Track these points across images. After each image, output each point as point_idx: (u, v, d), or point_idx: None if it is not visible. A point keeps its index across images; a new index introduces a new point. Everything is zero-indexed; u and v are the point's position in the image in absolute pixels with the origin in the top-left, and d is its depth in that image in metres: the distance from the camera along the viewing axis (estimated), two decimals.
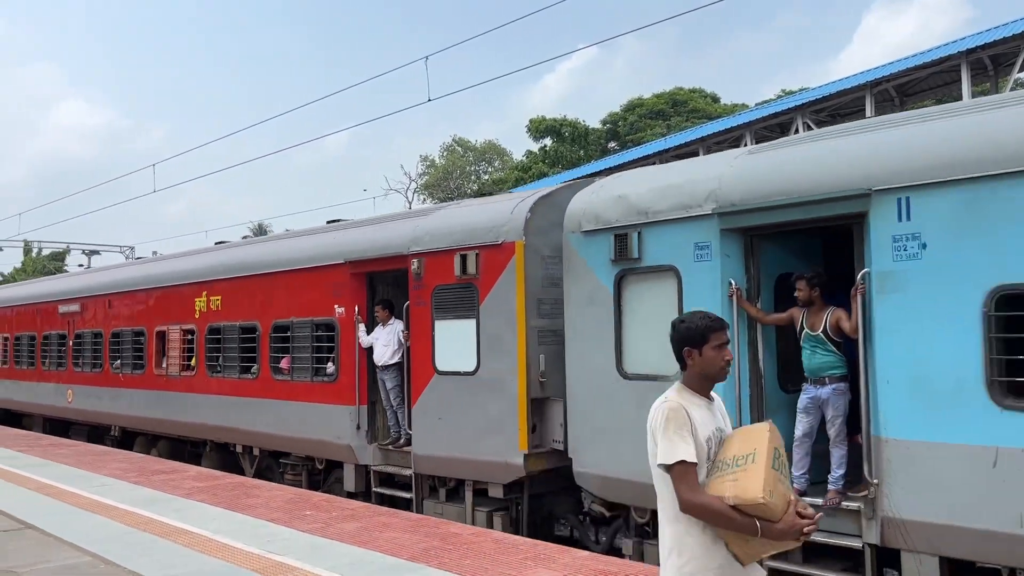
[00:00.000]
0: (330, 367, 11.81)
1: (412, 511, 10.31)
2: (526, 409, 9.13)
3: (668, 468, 3.50)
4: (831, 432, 6.87)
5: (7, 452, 15.36)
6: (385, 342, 10.87)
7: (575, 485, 8.79)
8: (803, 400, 7.04)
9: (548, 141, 53.63)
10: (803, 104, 27.91)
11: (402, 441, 10.85)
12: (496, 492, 9.56)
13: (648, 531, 8.16)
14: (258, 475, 13.39)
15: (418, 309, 10.46)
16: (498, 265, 9.46)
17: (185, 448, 15.80)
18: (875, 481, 6.40)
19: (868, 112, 25.82)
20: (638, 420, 7.23)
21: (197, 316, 14.75)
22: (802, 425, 7.00)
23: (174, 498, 10.57)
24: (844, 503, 6.66)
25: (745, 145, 23.08)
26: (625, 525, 8.48)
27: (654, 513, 5.93)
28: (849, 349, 6.85)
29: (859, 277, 6.50)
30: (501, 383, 9.38)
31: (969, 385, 5.87)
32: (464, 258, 9.77)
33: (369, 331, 11.16)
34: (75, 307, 19.31)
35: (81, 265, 58.26)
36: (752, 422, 7.06)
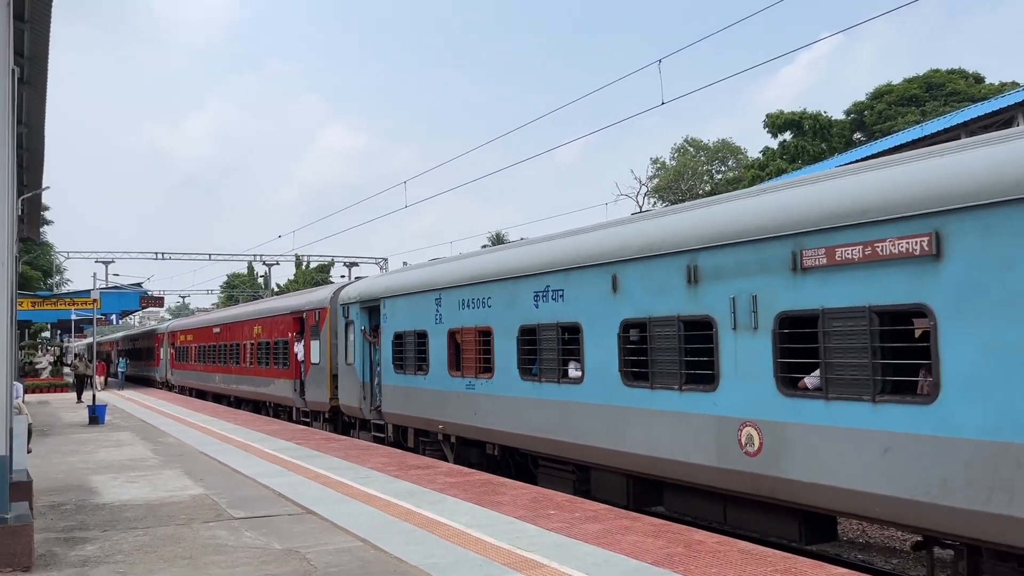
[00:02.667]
0: (286, 362, 24.72)
1: (308, 426, 22.56)
2: (330, 378, 21.44)
3: None
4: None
5: (287, 444, 17.43)
6: (299, 350, 23.50)
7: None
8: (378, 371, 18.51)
9: (787, 136, 51.01)
10: None
11: (306, 396, 23.18)
12: (324, 416, 22.10)
13: (353, 424, 20.14)
14: (275, 416, 26.48)
15: (308, 335, 23.18)
16: (323, 316, 21.93)
17: (264, 407, 29.12)
18: (380, 398, 18.04)
19: None
20: (351, 381, 19.99)
21: (254, 336, 28.61)
22: (376, 379, 18.40)
23: (429, 491, 11.33)
24: (383, 409, 18.02)
25: (1018, 125, 22.82)
26: (361, 427, 20.15)
27: (359, 419, 19.73)
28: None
29: (381, 326, 17.78)
30: (325, 368, 21.73)
31: (388, 365, 17.47)
32: (315, 312, 22.42)
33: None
34: (218, 329, 33.99)
35: (343, 276, 66.91)
36: (371, 381, 18.62)
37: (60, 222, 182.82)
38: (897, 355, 7.40)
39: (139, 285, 51.38)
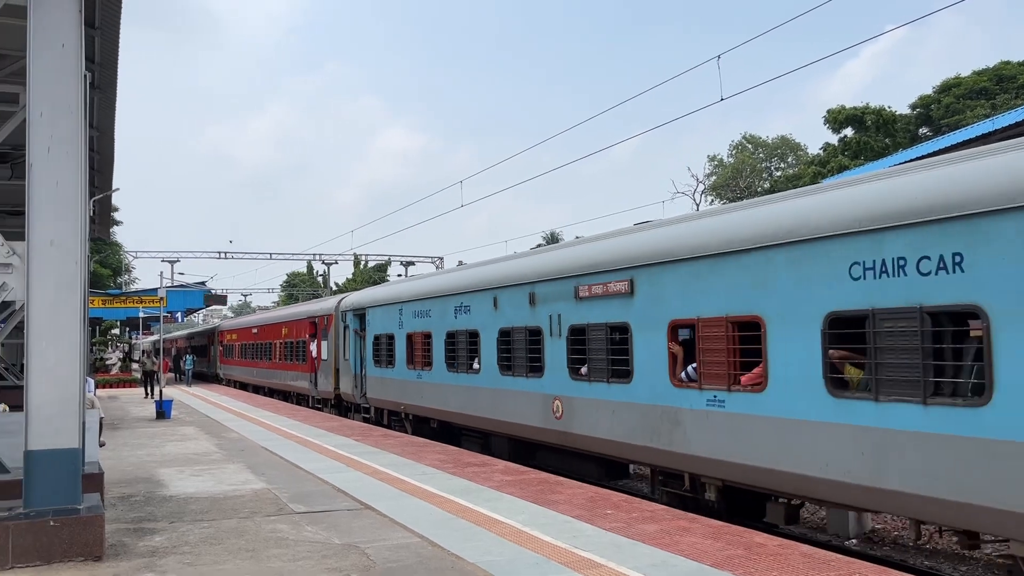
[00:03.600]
0: (304, 358, 29.75)
1: (320, 410, 27.41)
2: (336, 372, 26.44)
3: None
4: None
5: (346, 441, 17.54)
6: (313, 348, 28.42)
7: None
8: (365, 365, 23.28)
9: (849, 131, 50.04)
10: None
11: (318, 387, 28.24)
12: (330, 402, 27.17)
13: (350, 408, 25.12)
14: (297, 403, 31.54)
15: (319, 336, 28.27)
16: (331, 321, 27.00)
17: (289, 397, 34.30)
18: (366, 386, 22.89)
19: None
20: (347, 374, 26.06)
21: (282, 336, 33.98)
22: (363, 372, 23.14)
23: (485, 489, 11.39)
24: (368, 395, 22.72)
25: None
26: (355, 410, 24.96)
27: (354, 404, 24.61)
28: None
29: (366, 330, 22.58)
30: (331, 363, 26.81)
31: (370, 360, 22.26)
32: (325, 317, 27.50)
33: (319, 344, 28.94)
34: (256, 330, 39.46)
35: (399, 275, 68.24)
36: (363, 374, 23.42)
37: (128, 222, 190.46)
38: (618, 353, 11.86)
39: (203, 284, 53.00)
